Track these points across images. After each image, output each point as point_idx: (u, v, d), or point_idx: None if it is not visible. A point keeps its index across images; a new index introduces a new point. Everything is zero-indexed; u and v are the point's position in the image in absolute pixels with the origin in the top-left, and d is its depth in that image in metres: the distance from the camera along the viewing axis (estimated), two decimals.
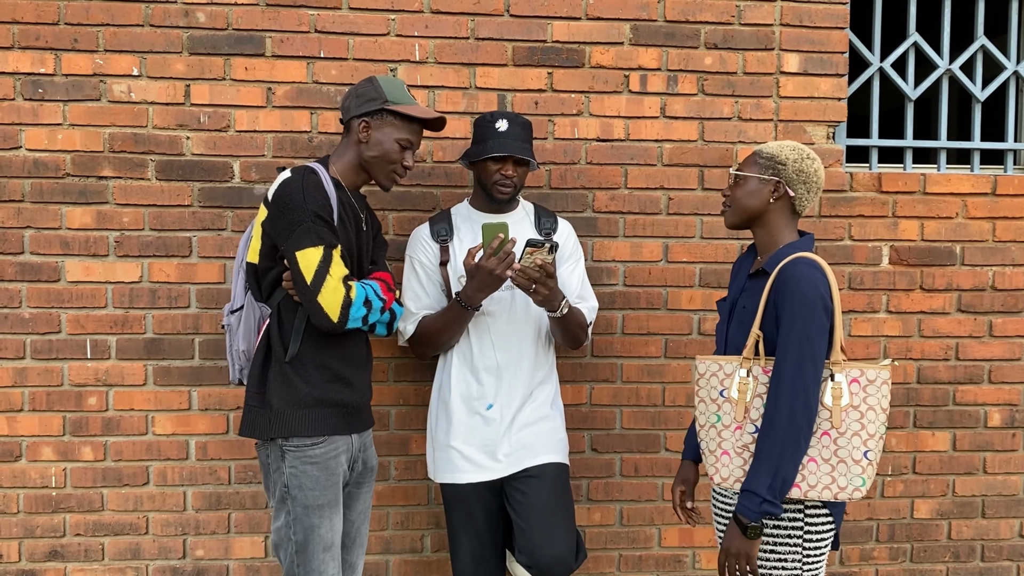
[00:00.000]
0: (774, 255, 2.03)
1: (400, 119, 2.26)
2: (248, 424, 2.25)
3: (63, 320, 2.81)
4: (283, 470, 2.20)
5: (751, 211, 2.06)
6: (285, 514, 2.22)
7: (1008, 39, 3.16)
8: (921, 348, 3.09)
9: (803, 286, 1.90)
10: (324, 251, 2.12)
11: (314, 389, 2.20)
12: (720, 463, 2.01)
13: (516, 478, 2.46)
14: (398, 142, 2.26)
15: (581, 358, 2.98)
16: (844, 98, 3.00)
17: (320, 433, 2.21)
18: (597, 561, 3.05)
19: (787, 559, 1.98)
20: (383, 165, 2.28)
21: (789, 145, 2.06)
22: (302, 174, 2.17)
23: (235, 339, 2.32)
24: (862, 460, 1.90)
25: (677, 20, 2.92)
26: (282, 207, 2.14)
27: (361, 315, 2.20)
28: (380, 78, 2.28)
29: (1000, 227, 3.08)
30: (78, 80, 2.75)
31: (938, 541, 3.16)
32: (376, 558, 2.96)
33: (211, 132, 2.80)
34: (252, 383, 2.24)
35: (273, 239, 2.18)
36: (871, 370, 1.92)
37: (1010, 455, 3.15)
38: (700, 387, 2.06)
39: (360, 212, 2.33)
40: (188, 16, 2.76)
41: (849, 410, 1.91)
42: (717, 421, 2.02)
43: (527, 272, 2.24)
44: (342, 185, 2.28)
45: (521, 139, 2.46)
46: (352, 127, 2.27)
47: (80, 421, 2.84)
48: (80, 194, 2.78)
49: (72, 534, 2.87)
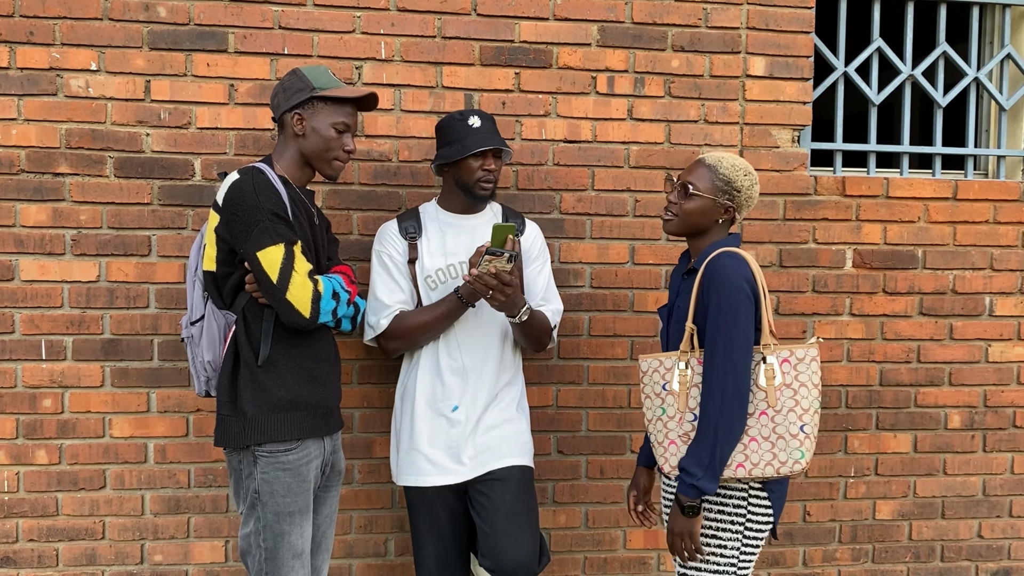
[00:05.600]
0: (703, 253, 2.11)
1: (331, 103, 2.22)
2: (222, 434, 2.20)
3: (17, 320, 2.74)
4: (255, 476, 2.16)
5: (698, 227, 2.13)
6: (255, 520, 2.18)
7: (969, 46, 3.21)
8: (884, 351, 3.12)
9: (726, 275, 1.99)
10: (286, 248, 2.09)
11: (287, 392, 2.17)
12: (668, 452, 2.08)
13: (480, 481, 2.44)
14: (334, 127, 2.22)
15: (548, 360, 2.97)
16: (809, 102, 3.02)
17: (295, 437, 2.17)
18: (562, 564, 3.04)
19: (727, 545, 2.06)
20: (324, 153, 2.24)
21: (740, 168, 2.11)
22: (250, 174, 2.13)
23: (198, 351, 2.25)
24: (799, 434, 1.98)
25: (644, 22, 2.92)
26: (235, 209, 2.09)
27: (331, 308, 2.17)
28: (303, 68, 2.24)
29: (961, 231, 3.12)
30: (33, 74, 2.69)
31: (899, 542, 3.19)
32: (339, 562, 2.93)
33: (172, 129, 2.75)
34: (222, 392, 2.19)
35: (230, 243, 2.13)
36: (800, 349, 2.01)
37: (969, 456, 3.19)
38: (644, 384, 2.15)
39: (311, 207, 2.30)
40: (149, 10, 2.71)
41: (783, 388, 1.99)
42: (663, 414, 2.10)
43: (483, 279, 2.24)
44: (289, 182, 2.23)
45: (495, 132, 2.48)
46: (286, 122, 2.24)
47: (34, 424, 2.77)
48: (35, 191, 2.71)
49: (25, 539, 2.80)
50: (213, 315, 2.23)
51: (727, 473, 1.99)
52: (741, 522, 2.05)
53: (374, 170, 2.84)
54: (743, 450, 1.99)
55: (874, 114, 3.16)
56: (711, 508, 2.06)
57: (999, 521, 3.23)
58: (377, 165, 2.84)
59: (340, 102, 2.24)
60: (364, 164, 2.84)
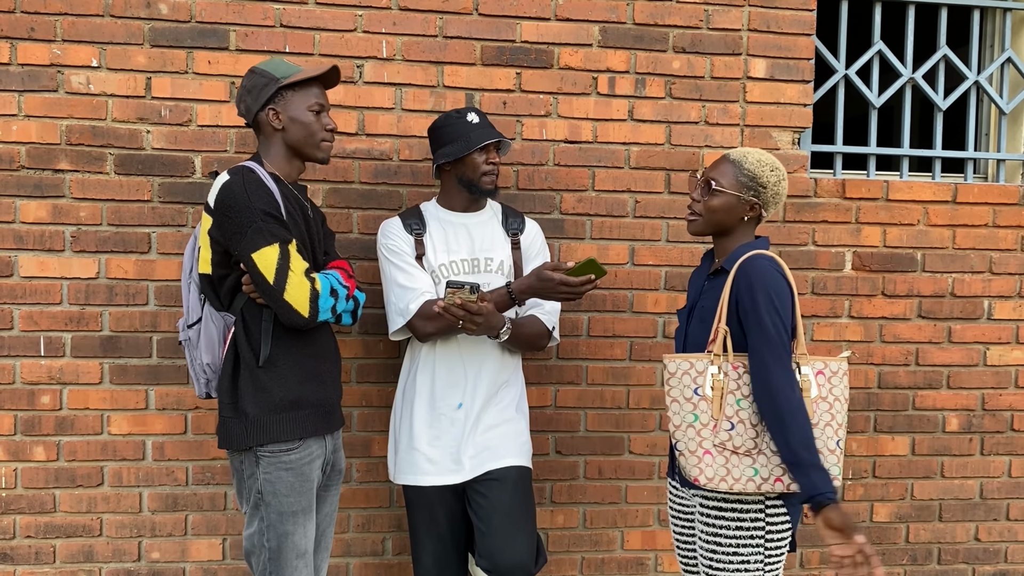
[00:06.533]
0: (732, 254, 2.03)
1: (299, 89, 2.20)
2: (224, 436, 2.19)
3: (16, 316, 2.73)
4: (257, 476, 2.16)
5: (723, 226, 2.06)
6: (259, 520, 2.17)
7: (970, 50, 3.21)
8: (882, 353, 3.12)
9: (772, 278, 1.92)
10: (280, 247, 2.07)
11: (288, 391, 2.16)
12: (703, 463, 1.95)
13: (478, 481, 2.44)
14: (310, 110, 2.20)
15: (547, 360, 2.97)
16: (810, 104, 3.02)
17: (298, 436, 2.16)
18: (559, 564, 3.04)
19: (750, 560, 1.99)
20: (309, 139, 2.22)
21: (767, 163, 2.03)
22: (241, 174, 2.11)
23: (197, 353, 2.23)
24: (836, 449, 1.93)
25: (646, 23, 2.92)
26: (227, 211, 2.07)
27: (330, 305, 2.16)
28: (259, 65, 2.22)
29: (960, 235, 3.13)
30: (34, 70, 2.68)
31: (896, 544, 3.19)
32: (337, 561, 2.93)
33: (172, 126, 2.75)
34: (223, 394, 2.17)
35: (224, 245, 2.11)
36: (833, 362, 1.97)
37: (967, 459, 3.20)
38: (672, 386, 2.00)
39: (304, 202, 2.27)
40: (150, 7, 2.71)
41: (819, 401, 1.94)
42: (695, 420, 1.97)
43: (450, 311, 2.22)
44: (281, 179, 2.22)
45: (492, 127, 2.49)
46: (262, 121, 2.21)
47: (32, 420, 2.77)
48: (35, 187, 2.71)
49: (23, 536, 2.79)
50: (211, 317, 2.20)
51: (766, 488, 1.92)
52: (760, 535, 1.98)
53: (375, 169, 2.84)
54: (780, 463, 1.92)
55: (874, 117, 3.16)
56: (728, 526, 1.99)
57: (996, 524, 3.23)
58: (378, 164, 2.84)
59: (307, 84, 2.22)
60: (365, 163, 2.84)
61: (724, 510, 2.00)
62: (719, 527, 2.00)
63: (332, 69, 2.25)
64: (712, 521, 2.01)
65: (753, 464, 1.94)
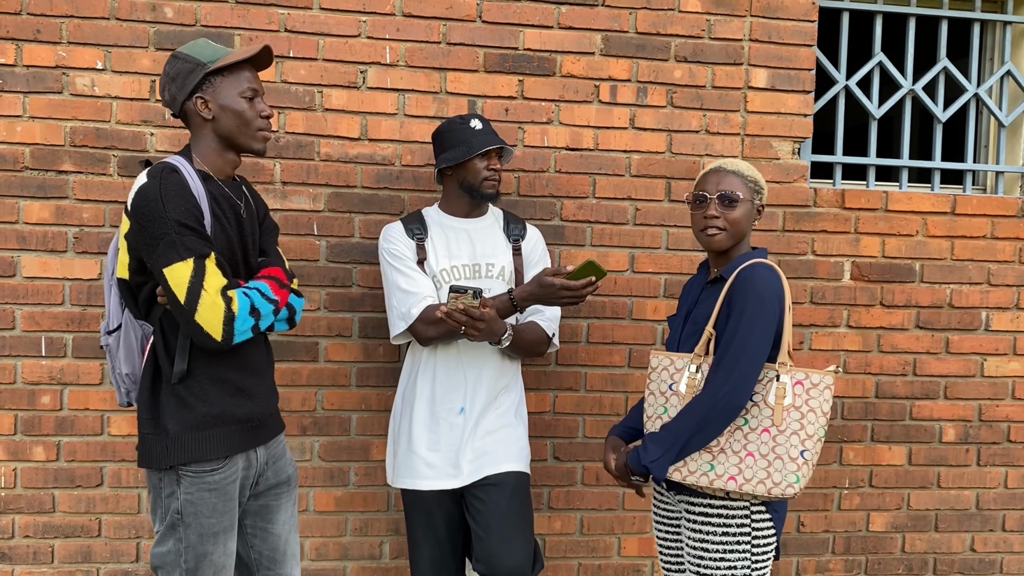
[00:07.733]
0: (731, 264, 2.08)
1: (228, 73, 2.00)
2: (144, 453, 1.99)
3: (17, 316, 2.74)
4: (177, 495, 1.98)
5: (743, 233, 2.10)
6: (175, 540, 1.99)
7: (969, 62, 3.23)
8: (880, 363, 3.13)
9: (759, 286, 1.96)
10: (194, 263, 1.87)
11: (212, 407, 1.98)
12: None
13: (476, 486, 2.44)
14: (242, 96, 2.00)
15: (546, 366, 2.98)
16: (810, 114, 3.04)
17: (223, 454, 1.99)
18: (556, 570, 3.04)
19: (737, 565, 2.01)
20: (244, 128, 2.02)
21: (753, 168, 2.12)
22: (159, 177, 1.89)
23: (116, 362, 2.08)
24: (798, 458, 1.94)
25: (648, 32, 2.94)
26: (141, 219, 1.88)
27: (248, 326, 1.96)
28: (183, 48, 2.00)
29: (958, 246, 3.14)
30: (39, 72, 2.70)
31: (892, 554, 3.20)
32: (334, 564, 2.93)
33: (176, 129, 2.76)
34: (143, 408, 1.99)
35: (139, 254, 1.93)
36: (815, 375, 1.97)
37: (963, 470, 3.21)
38: (651, 380, 2.12)
39: (237, 200, 2.07)
40: (155, 11, 2.72)
41: (791, 410, 1.95)
42: (664, 413, 2.07)
43: (453, 316, 2.23)
44: (210, 176, 2.02)
45: (495, 133, 2.50)
46: (190, 112, 2.01)
47: (32, 420, 2.77)
48: (39, 188, 2.72)
49: (21, 536, 2.80)
50: (131, 325, 2.06)
51: (718, 484, 1.95)
52: (747, 540, 2.01)
53: (376, 174, 2.86)
54: (738, 463, 1.95)
55: (874, 128, 3.18)
56: (715, 531, 2.01)
57: (992, 535, 3.24)
58: (380, 169, 2.86)
59: (237, 68, 2.01)
60: (367, 167, 2.85)
61: (710, 515, 2.02)
62: (706, 532, 2.02)
63: (264, 49, 2.05)
64: (699, 527, 2.03)
65: (712, 460, 1.98)
